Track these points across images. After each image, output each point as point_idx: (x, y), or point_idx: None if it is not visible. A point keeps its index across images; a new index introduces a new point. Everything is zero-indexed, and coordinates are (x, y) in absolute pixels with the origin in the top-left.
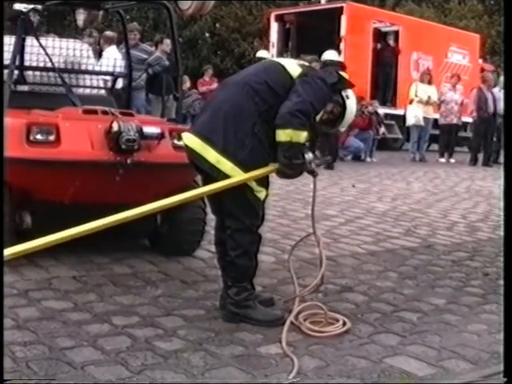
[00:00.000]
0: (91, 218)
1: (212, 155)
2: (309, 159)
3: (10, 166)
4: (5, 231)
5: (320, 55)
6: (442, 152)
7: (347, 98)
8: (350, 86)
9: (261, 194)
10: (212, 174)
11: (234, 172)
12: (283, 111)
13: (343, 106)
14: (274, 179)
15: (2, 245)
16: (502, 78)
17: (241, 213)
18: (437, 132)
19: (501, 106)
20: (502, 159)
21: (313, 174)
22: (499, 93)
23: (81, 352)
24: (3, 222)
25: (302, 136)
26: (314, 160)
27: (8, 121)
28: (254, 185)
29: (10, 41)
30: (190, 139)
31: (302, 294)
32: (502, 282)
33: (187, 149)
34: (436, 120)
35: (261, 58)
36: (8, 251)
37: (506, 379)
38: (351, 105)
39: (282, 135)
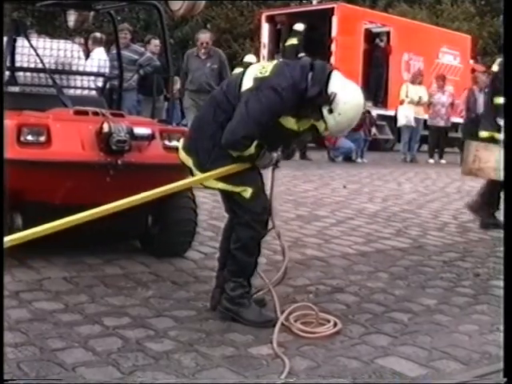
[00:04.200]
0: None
1: (192, 167)
2: (274, 158)
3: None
4: None
5: (311, 56)
6: (431, 153)
7: (329, 112)
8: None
9: (245, 192)
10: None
11: (206, 182)
12: (226, 137)
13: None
14: (266, 180)
15: (1, 245)
16: None
17: (238, 209)
18: (427, 133)
19: None
20: None
21: (276, 165)
22: None
23: (72, 353)
24: (3, 222)
25: (249, 151)
26: (278, 157)
27: None
28: (229, 187)
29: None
30: (179, 153)
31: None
32: (493, 282)
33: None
34: (426, 121)
35: (249, 63)
36: (8, 238)
37: (506, 379)
38: (342, 104)
39: (232, 153)
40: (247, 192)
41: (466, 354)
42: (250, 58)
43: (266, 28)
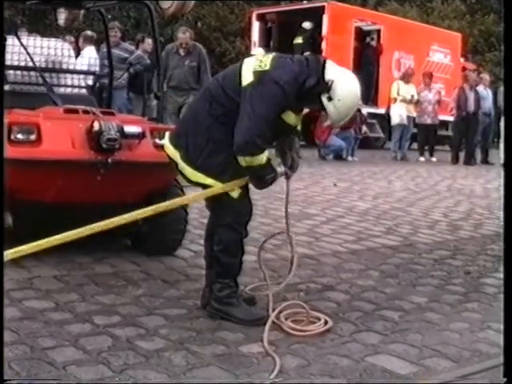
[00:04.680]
0: (72, 218)
1: (179, 161)
2: (281, 172)
3: None
4: None
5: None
6: (421, 151)
7: (329, 99)
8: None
9: (233, 192)
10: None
11: (194, 177)
12: (238, 140)
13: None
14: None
15: (1, 244)
16: (487, 77)
17: (221, 211)
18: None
19: (488, 104)
20: (492, 159)
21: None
22: (484, 91)
23: (62, 352)
24: (3, 222)
25: (261, 159)
26: (286, 171)
27: None
28: (219, 187)
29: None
30: (165, 146)
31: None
32: (483, 280)
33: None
34: (415, 119)
35: (298, 44)
36: (9, 252)
37: (505, 379)
38: (340, 90)
39: (242, 161)
40: (235, 192)
41: (457, 352)
42: (306, 24)
43: (256, 26)
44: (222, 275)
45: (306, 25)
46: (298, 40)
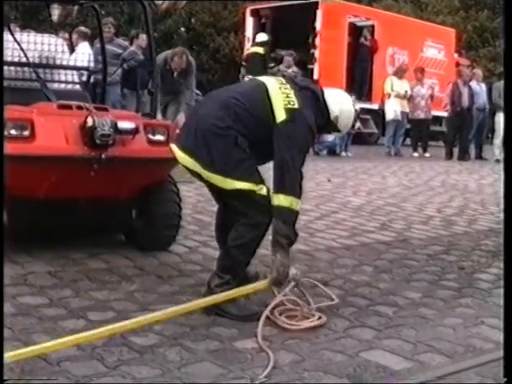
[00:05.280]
0: (66, 214)
1: (203, 171)
2: (293, 275)
3: None
4: None
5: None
6: (414, 146)
7: (336, 120)
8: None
9: (262, 190)
10: (211, 185)
11: (225, 183)
12: (289, 181)
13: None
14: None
15: (1, 244)
16: (480, 72)
17: (251, 211)
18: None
19: (481, 99)
20: (486, 155)
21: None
22: (477, 86)
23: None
24: (2, 222)
25: (299, 205)
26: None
27: None
28: (251, 186)
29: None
30: (180, 156)
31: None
32: (477, 275)
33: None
34: (408, 114)
35: (261, 43)
36: (8, 354)
37: (506, 379)
38: (343, 119)
39: (283, 200)
40: (264, 189)
41: (451, 347)
42: (261, 36)
43: (250, 22)
44: (227, 270)
45: (263, 37)
46: (258, 50)
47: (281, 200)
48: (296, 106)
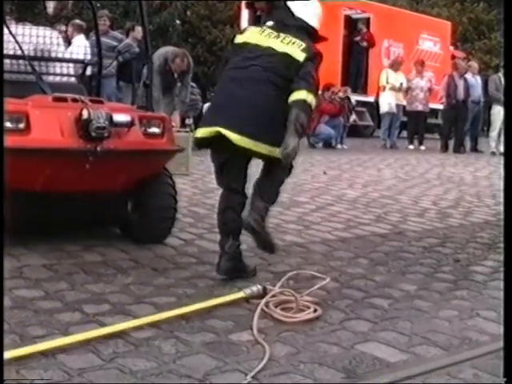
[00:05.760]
0: (61, 207)
1: (264, 148)
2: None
3: None
4: None
5: None
6: (410, 139)
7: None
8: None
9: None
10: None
11: (274, 152)
12: (314, 85)
13: None
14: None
15: (2, 244)
16: (475, 65)
17: (284, 171)
18: (407, 119)
19: (477, 92)
20: (481, 147)
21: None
22: (472, 79)
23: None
24: (3, 222)
25: (314, 101)
26: None
27: None
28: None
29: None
30: (236, 138)
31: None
32: (473, 268)
33: (232, 144)
34: (405, 107)
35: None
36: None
37: (505, 379)
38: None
39: (305, 95)
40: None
41: (446, 340)
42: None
43: (245, 14)
44: (272, 200)
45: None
46: None
47: (304, 94)
48: (304, 45)
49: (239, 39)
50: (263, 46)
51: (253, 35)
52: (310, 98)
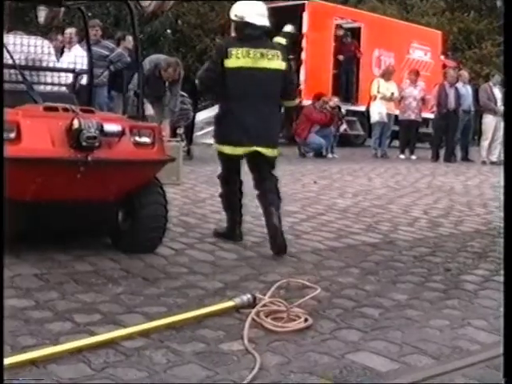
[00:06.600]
0: (52, 216)
1: (275, 152)
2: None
3: None
4: None
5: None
6: (402, 148)
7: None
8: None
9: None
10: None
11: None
12: (293, 92)
13: None
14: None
15: (2, 244)
16: (466, 74)
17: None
18: (398, 128)
19: (467, 101)
20: (472, 156)
21: None
22: (463, 88)
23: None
24: (3, 222)
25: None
26: None
27: None
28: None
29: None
30: (267, 151)
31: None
32: (464, 277)
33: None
34: (397, 116)
35: (288, 33)
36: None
37: (505, 379)
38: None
39: (295, 101)
40: None
41: (437, 349)
42: (287, 27)
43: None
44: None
45: (290, 28)
46: (282, 41)
47: (296, 102)
48: (278, 52)
49: (232, 63)
50: (258, 68)
51: (244, 59)
52: (297, 101)
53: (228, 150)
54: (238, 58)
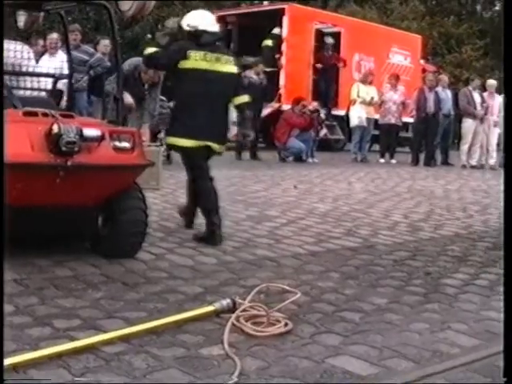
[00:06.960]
0: (31, 221)
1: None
2: None
3: None
4: None
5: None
6: (382, 153)
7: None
8: None
9: None
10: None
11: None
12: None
13: None
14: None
15: (2, 244)
16: (445, 78)
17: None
18: (378, 133)
19: (447, 105)
20: (452, 160)
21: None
22: (443, 92)
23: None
24: (3, 223)
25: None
26: None
27: None
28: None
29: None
30: (217, 147)
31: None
32: (444, 280)
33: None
34: (376, 120)
35: (276, 35)
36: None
37: (505, 379)
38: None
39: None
40: None
41: (417, 353)
42: (277, 30)
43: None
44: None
45: (277, 30)
46: (268, 42)
47: (246, 98)
48: (231, 58)
49: (190, 64)
50: (213, 70)
51: (201, 61)
52: (247, 98)
53: (182, 142)
54: (196, 60)
